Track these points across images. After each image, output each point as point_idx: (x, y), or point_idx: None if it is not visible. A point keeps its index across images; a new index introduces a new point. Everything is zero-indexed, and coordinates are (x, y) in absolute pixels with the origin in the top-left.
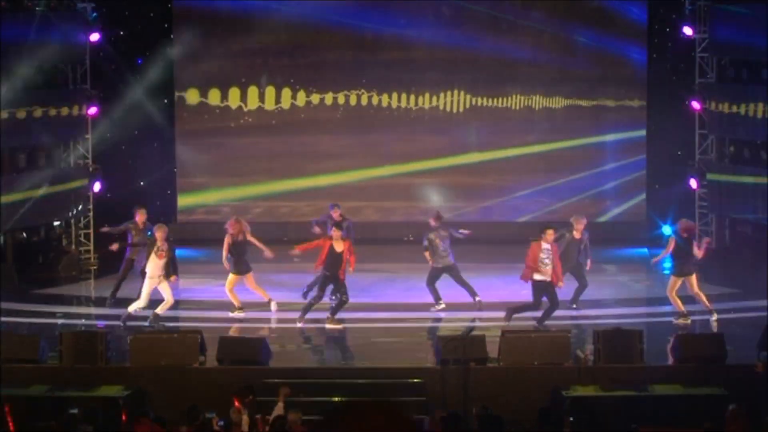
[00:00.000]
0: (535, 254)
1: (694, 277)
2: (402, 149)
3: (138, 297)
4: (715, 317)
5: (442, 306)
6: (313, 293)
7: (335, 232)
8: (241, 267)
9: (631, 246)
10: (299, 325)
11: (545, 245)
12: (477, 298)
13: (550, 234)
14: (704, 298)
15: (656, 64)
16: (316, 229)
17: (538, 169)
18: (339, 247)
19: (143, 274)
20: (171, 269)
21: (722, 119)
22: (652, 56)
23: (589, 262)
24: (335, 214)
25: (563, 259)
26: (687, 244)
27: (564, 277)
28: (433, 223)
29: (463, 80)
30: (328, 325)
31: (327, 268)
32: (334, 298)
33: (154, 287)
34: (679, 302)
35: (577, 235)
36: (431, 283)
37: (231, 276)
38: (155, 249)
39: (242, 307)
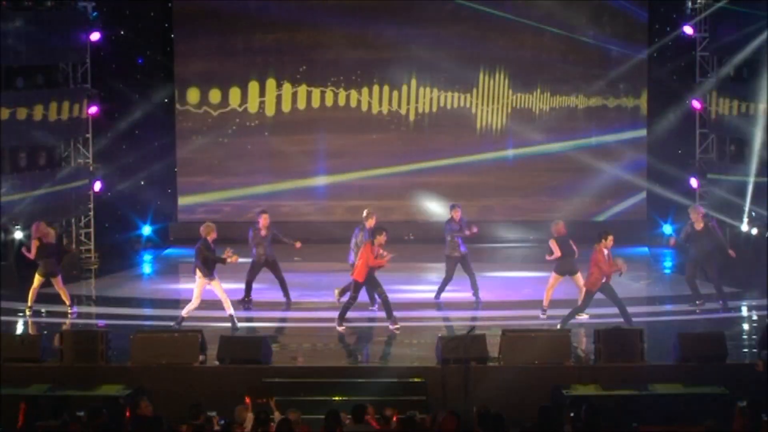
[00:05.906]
0: (600, 259)
1: (578, 276)
2: (402, 148)
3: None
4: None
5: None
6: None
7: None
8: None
9: (632, 245)
10: (339, 328)
11: (606, 251)
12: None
13: (611, 240)
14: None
15: (657, 64)
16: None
17: (538, 168)
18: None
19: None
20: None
21: (722, 118)
22: (652, 55)
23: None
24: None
25: (688, 250)
26: (566, 244)
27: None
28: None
29: (464, 80)
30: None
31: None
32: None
33: (203, 287)
34: (548, 298)
35: (698, 226)
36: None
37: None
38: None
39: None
